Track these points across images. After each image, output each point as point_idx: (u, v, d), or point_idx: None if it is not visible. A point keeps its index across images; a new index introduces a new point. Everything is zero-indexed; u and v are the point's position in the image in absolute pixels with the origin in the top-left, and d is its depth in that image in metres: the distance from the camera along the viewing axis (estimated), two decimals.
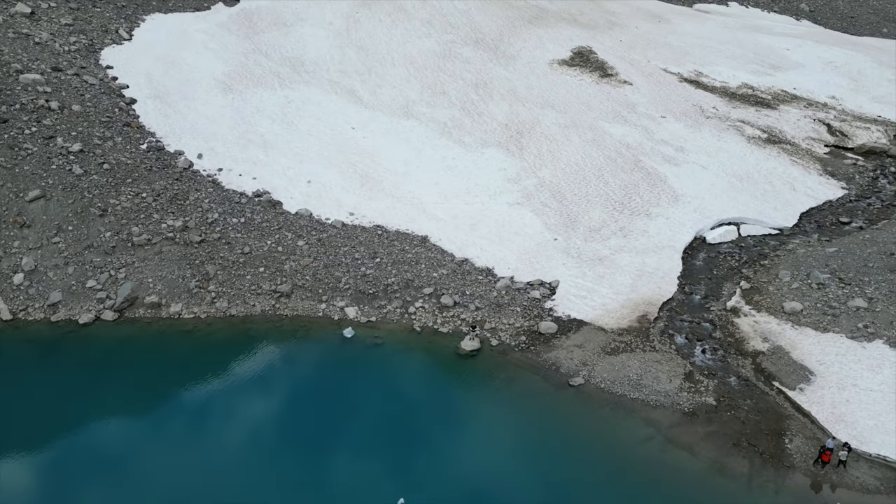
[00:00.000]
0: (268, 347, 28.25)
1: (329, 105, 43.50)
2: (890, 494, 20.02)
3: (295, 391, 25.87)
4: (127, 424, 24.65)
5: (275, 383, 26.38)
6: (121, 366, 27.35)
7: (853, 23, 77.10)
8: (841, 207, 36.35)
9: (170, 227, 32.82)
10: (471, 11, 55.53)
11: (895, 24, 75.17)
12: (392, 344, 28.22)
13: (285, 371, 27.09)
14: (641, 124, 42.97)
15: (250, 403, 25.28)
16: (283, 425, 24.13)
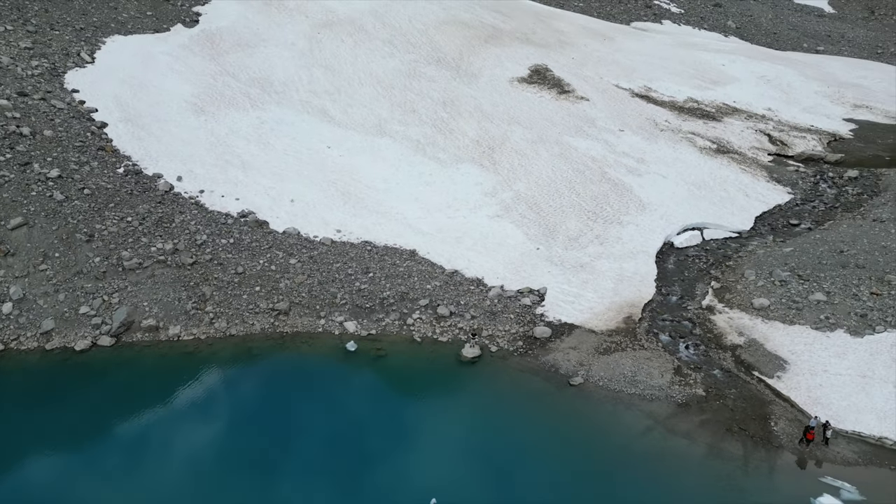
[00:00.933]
0: (273, 364, 28.86)
1: (303, 125, 44.26)
2: (867, 465, 22.53)
3: (307, 405, 26.53)
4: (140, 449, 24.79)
5: (286, 399, 26.99)
6: (126, 390, 27.44)
7: (776, 38, 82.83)
8: (790, 211, 39.69)
9: (160, 251, 32.95)
10: (429, 31, 57.27)
11: (813, 40, 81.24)
12: (395, 355, 29.29)
13: (294, 386, 27.75)
14: (602, 138, 45.57)
15: (265, 420, 25.82)
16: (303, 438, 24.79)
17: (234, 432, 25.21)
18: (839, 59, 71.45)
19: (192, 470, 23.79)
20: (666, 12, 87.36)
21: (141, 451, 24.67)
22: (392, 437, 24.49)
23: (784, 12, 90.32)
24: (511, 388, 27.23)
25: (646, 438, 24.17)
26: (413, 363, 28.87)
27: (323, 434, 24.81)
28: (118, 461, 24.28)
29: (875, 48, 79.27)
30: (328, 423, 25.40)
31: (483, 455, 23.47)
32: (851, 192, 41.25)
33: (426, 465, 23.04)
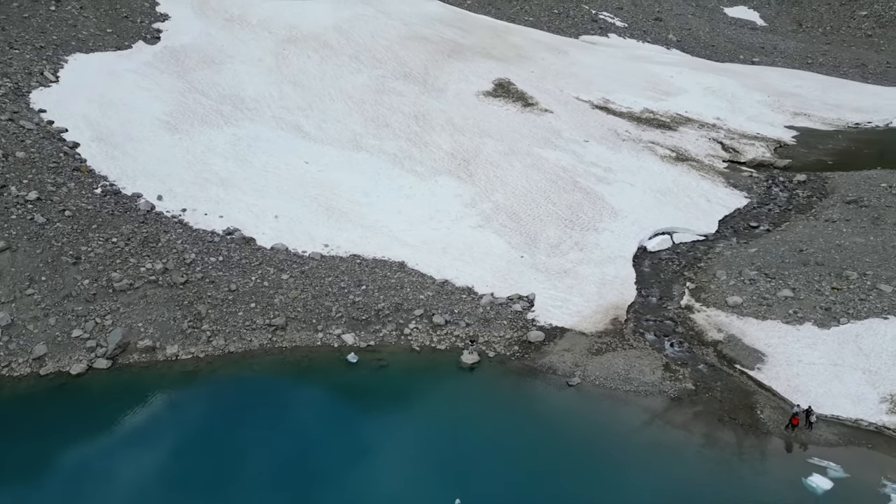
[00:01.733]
0: (277, 379, 29.20)
1: (278, 141, 44.57)
2: (848, 446, 24.67)
3: (317, 418, 27.01)
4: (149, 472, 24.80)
5: (295, 413, 27.39)
6: (128, 412, 27.33)
7: (714, 51, 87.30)
8: (748, 214, 42.40)
9: (149, 271, 32.83)
10: (393, 47, 58.35)
11: (749, 52, 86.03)
12: (396, 364, 30.09)
13: (301, 400, 28.16)
14: (570, 149, 47.55)
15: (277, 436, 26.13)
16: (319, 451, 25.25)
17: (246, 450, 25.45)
18: (775, 70, 76.07)
19: (207, 491, 23.91)
20: (611, 26, 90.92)
21: (150, 474, 24.69)
22: (408, 444, 25.27)
23: (720, 26, 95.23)
24: (513, 391, 28.43)
25: (647, 431, 25.74)
26: (415, 372, 29.72)
27: (338, 445, 25.32)
28: (128, 485, 24.21)
29: (805, 59, 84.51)
30: (342, 434, 25.92)
31: (498, 454, 24.52)
32: (802, 194, 44.38)
33: (445, 468, 23.91)
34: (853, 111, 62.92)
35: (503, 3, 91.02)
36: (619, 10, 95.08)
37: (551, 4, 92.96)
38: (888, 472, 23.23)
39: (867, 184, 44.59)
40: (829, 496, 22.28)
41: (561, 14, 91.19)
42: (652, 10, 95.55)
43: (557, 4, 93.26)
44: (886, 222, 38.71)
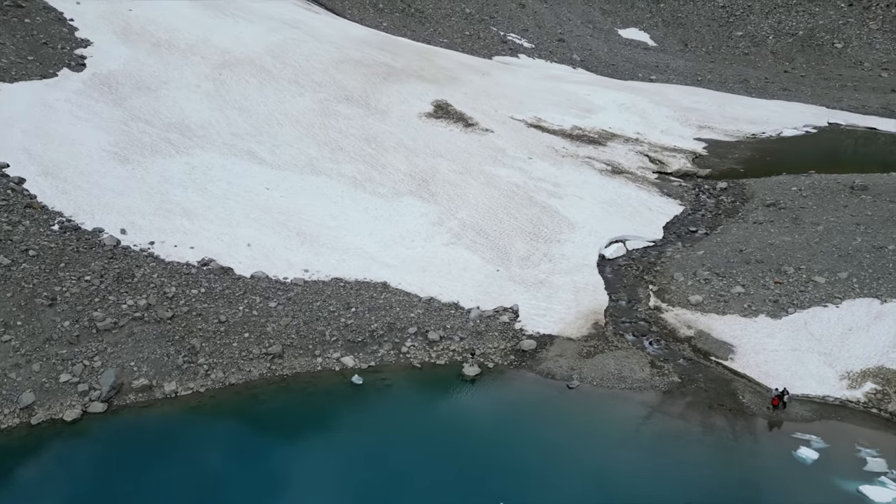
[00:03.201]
0: (285, 408, 29.18)
1: (234, 168, 44.05)
2: (821, 420, 28.09)
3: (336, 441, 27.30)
4: None
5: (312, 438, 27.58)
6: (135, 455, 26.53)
7: (615, 69, 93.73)
8: (686, 219, 46.52)
9: (132, 307, 31.84)
10: (329, 70, 58.91)
11: (645, 70, 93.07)
12: (400, 382, 30.90)
13: (315, 425, 28.35)
14: (517, 166, 50.10)
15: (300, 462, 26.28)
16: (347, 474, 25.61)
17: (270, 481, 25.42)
18: (674, 87, 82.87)
19: None
20: (520, 47, 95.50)
21: None
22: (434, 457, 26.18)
23: (616, 46, 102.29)
24: (519, 398, 30.04)
25: (649, 423, 28.10)
26: (421, 388, 30.66)
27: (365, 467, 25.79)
28: None
29: (695, 76, 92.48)
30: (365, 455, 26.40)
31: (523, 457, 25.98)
32: (727, 200, 49.19)
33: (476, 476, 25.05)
34: (748, 123, 69.87)
35: (417, 26, 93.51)
36: (525, 31, 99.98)
37: (462, 26, 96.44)
38: (859, 439, 26.80)
39: (780, 188, 50.11)
40: (817, 465, 25.42)
41: (472, 36, 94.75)
42: (555, 32, 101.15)
43: (468, 26, 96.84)
44: (805, 222, 43.82)
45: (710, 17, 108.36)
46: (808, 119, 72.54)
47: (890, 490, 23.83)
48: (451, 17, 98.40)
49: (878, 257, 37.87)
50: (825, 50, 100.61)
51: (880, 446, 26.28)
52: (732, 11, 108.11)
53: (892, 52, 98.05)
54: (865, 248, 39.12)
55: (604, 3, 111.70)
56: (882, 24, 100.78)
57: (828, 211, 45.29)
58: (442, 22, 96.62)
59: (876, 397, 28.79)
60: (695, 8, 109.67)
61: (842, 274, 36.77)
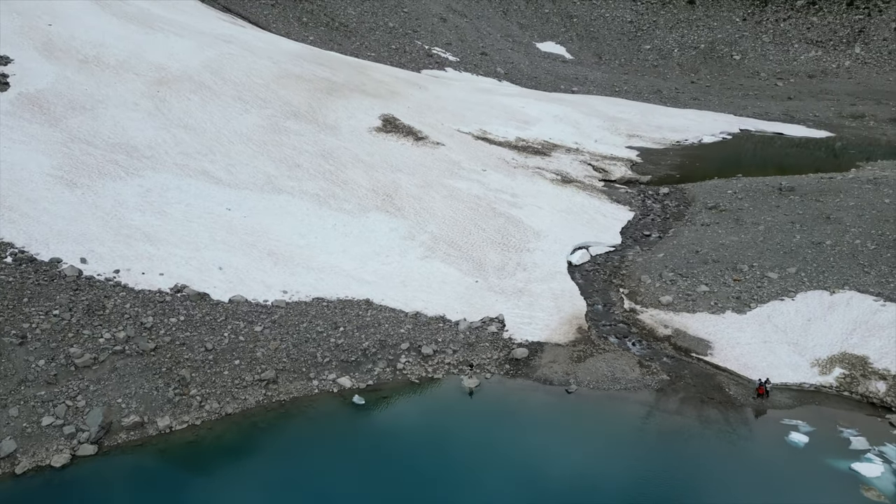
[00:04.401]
0: (288, 434, 28.31)
1: (191, 189, 42.32)
2: (802, 406, 30.22)
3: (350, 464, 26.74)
4: None
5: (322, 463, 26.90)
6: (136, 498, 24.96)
7: (538, 82, 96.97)
8: (639, 224, 48.81)
9: (111, 341, 30.04)
10: (271, 86, 57.69)
11: (566, 82, 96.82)
12: (402, 400, 30.71)
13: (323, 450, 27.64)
14: (474, 178, 50.89)
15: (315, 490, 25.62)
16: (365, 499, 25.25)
17: None
18: (598, 98, 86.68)
19: None
20: (446, 60, 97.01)
21: None
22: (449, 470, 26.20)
23: (536, 59, 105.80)
24: (522, 405, 30.51)
25: (650, 421, 29.33)
26: (423, 404, 30.56)
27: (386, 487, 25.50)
28: None
29: (613, 87, 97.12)
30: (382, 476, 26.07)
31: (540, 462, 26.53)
32: (671, 205, 52.01)
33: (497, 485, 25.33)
34: (672, 131, 74.14)
35: (343, 40, 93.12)
36: (449, 45, 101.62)
37: (388, 40, 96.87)
38: (838, 421, 29.08)
39: (717, 192, 53.53)
40: (809, 448, 27.40)
41: (399, 50, 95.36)
42: (477, 46, 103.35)
43: (393, 40, 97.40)
44: (746, 222, 47.05)
45: (620, 31, 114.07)
46: (723, 126, 77.83)
47: (877, 465, 26.04)
48: (376, 31, 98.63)
49: (818, 252, 41.20)
50: (725, 61, 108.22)
51: (858, 426, 28.65)
52: (640, 26, 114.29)
53: (784, 62, 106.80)
54: (805, 244, 42.46)
55: (521, 17, 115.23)
56: (773, 38, 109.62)
57: (763, 211, 48.79)
58: (367, 36, 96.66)
59: (846, 381, 31.35)
60: (605, 23, 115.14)
61: (791, 269, 39.76)
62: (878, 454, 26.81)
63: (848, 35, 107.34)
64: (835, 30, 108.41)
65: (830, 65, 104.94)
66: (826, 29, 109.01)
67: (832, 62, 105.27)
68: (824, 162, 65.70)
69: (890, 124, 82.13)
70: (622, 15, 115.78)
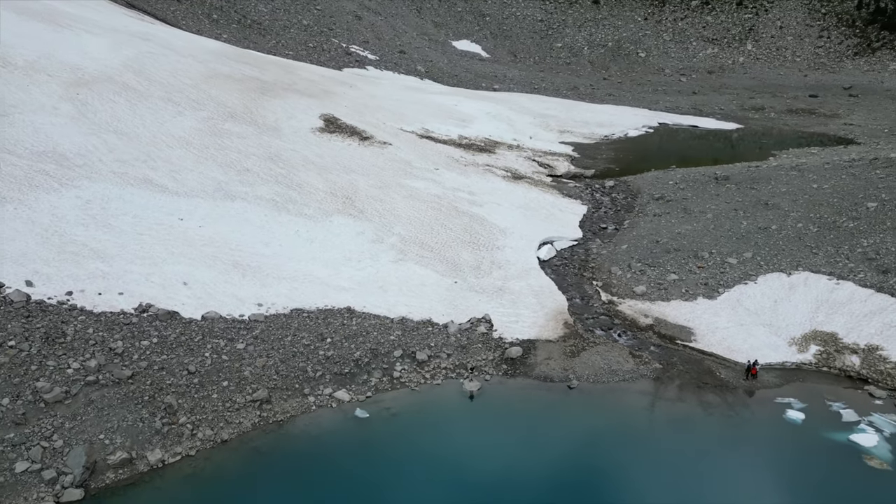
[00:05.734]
0: (294, 456, 26.43)
1: (135, 199, 38.93)
2: (789, 384, 31.43)
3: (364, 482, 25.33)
4: None
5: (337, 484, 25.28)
6: None
7: (459, 80, 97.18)
8: (594, 217, 49.64)
9: (81, 371, 27.01)
10: (201, 86, 54.30)
11: (487, 80, 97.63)
12: (405, 409, 29.42)
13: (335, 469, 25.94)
14: (429, 178, 49.98)
15: None
16: None
17: None
18: (522, 95, 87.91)
19: None
20: (365, 59, 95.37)
21: None
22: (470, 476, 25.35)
23: (454, 57, 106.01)
24: (527, 405, 30.01)
25: (654, 410, 29.68)
26: (428, 411, 29.41)
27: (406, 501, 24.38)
28: None
29: (531, 84, 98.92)
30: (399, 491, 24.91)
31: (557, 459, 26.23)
32: (620, 197, 53.33)
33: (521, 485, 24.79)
34: (598, 126, 76.32)
35: (258, 38, 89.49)
36: (366, 43, 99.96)
37: (304, 38, 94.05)
38: (825, 395, 30.60)
39: (658, 183, 55.44)
40: (807, 424, 28.61)
41: (317, 48, 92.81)
42: (395, 44, 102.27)
43: (310, 38, 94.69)
44: (694, 211, 48.98)
45: (532, 30, 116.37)
46: (643, 120, 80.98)
47: (872, 435, 27.56)
48: (290, 28, 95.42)
49: (767, 237, 43.45)
50: (632, 59, 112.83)
51: (844, 399, 30.28)
52: (550, 25, 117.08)
53: (685, 59, 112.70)
54: (753, 229, 44.67)
55: (434, 16, 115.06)
56: (673, 36, 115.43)
57: (706, 200, 51.00)
58: (282, 34, 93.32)
59: (823, 357, 33.10)
60: (517, 21, 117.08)
61: (747, 254, 41.68)
62: (868, 424, 28.38)
63: (740, 33, 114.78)
64: (728, 28, 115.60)
65: (727, 61, 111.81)
66: (720, 27, 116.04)
67: (728, 58, 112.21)
68: (743, 152, 69.65)
69: (788, 115, 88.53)
70: (532, 14, 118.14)
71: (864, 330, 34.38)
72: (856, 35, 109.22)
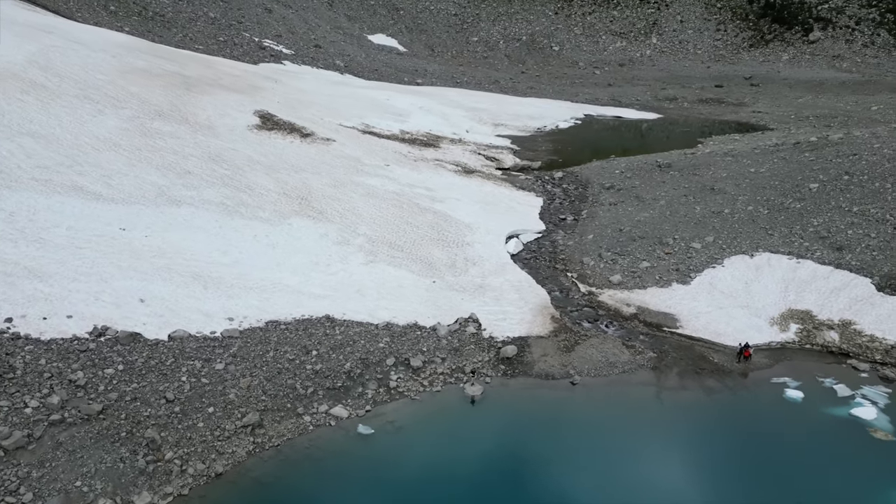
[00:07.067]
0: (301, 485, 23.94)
1: (66, 209, 34.52)
2: (778, 363, 31.81)
3: None
4: None
5: None
6: None
7: (380, 74, 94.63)
8: (552, 209, 49.07)
9: (42, 409, 23.31)
10: (118, 83, 49.43)
11: (408, 74, 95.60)
12: (409, 421, 27.42)
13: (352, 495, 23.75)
14: (382, 174, 47.72)
15: None
16: None
17: None
18: (450, 90, 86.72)
19: None
20: (280, 53, 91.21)
21: None
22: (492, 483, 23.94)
23: (371, 52, 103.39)
24: (534, 405, 28.70)
25: (660, 399, 29.18)
26: (434, 421, 27.54)
27: None
28: None
29: (452, 78, 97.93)
30: None
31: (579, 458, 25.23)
32: (571, 188, 53.16)
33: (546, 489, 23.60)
34: (529, 118, 76.36)
35: (162, 31, 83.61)
36: (279, 37, 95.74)
37: (213, 32, 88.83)
38: (815, 373, 31.20)
39: (605, 173, 55.78)
40: (807, 402, 29.03)
41: (227, 42, 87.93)
42: (309, 38, 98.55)
43: (219, 32, 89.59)
44: (646, 199, 49.49)
45: (447, 23, 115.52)
46: (570, 112, 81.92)
47: (870, 408, 28.29)
48: (196, 21, 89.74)
49: (722, 220, 44.43)
50: (546, 52, 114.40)
51: (833, 374, 31.02)
52: (465, 19, 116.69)
53: (597, 52, 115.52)
54: (708, 214, 45.59)
55: (347, 9, 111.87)
56: (584, 30, 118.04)
57: (655, 187, 51.71)
58: (188, 27, 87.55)
59: (804, 335, 33.88)
60: (431, 15, 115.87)
61: (709, 238, 42.39)
62: (862, 397, 29.16)
63: (645, 27, 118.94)
64: (633, 22, 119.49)
65: (635, 54, 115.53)
66: (626, 22, 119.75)
67: (636, 52, 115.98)
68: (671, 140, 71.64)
69: (700, 104, 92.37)
70: (446, 8, 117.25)
71: (834, 306, 35.53)
72: (749, 28, 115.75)
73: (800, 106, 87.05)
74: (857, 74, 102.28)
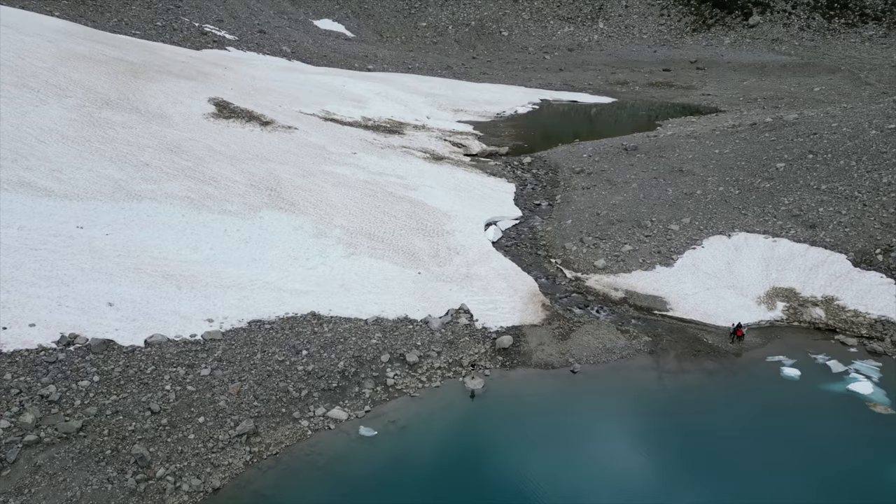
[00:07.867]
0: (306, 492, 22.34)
1: (15, 207, 31.57)
2: (770, 342, 31.82)
3: None
4: None
5: None
6: None
7: (329, 60, 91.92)
8: (525, 195, 48.23)
9: (15, 430, 21.03)
10: (59, 70, 45.86)
11: (358, 60, 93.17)
12: (412, 420, 26.06)
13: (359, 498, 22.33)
14: (351, 162, 45.83)
15: None
16: None
17: None
18: (405, 75, 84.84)
19: None
20: (223, 39, 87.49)
21: None
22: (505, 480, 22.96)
23: (319, 37, 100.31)
24: (537, 396, 27.72)
25: (665, 382, 28.70)
26: (437, 418, 26.24)
27: None
28: None
29: (404, 64, 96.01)
30: None
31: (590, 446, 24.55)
32: (541, 173, 52.45)
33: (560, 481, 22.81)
34: (487, 104, 75.40)
35: (96, 15, 78.78)
36: (221, 22, 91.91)
37: (150, 16, 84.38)
38: (807, 349, 31.37)
39: (573, 157, 55.32)
40: (804, 379, 29.09)
41: (166, 27, 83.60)
42: (253, 23, 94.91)
43: (156, 17, 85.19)
44: (618, 182, 49.26)
45: (395, 8, 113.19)
46: (526, 97, 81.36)
47: (865, 382, 28.56)
48: (131, 5, 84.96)
49: (696, 202, 44.54)
50: (496, 38, 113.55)
51: (825, 351, 31.26)
52: (412, 4, 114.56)
53: (546, 37, 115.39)
54: (680, 195, 45.65)
55: None
56: (532, 15, 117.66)
57: (624, 170, 51.56)
58: (123, 11, 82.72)
59: (791, 313, 34.09)
60: (378, 0, 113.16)
61: (685, 219, 42.38)
62: (856, 372, 29.44)
63: (591, 12, 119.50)
64: (580, 7, 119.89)
65: (583, 39, 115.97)
66: (573, 7, 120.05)
67: (584, 36, 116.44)
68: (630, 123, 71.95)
69: (651, 88, 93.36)
70: None
71: (815, 283, 35.92)
72: (692, 13, 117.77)
73: (746, 88, 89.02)
74: (795, 57, 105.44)
